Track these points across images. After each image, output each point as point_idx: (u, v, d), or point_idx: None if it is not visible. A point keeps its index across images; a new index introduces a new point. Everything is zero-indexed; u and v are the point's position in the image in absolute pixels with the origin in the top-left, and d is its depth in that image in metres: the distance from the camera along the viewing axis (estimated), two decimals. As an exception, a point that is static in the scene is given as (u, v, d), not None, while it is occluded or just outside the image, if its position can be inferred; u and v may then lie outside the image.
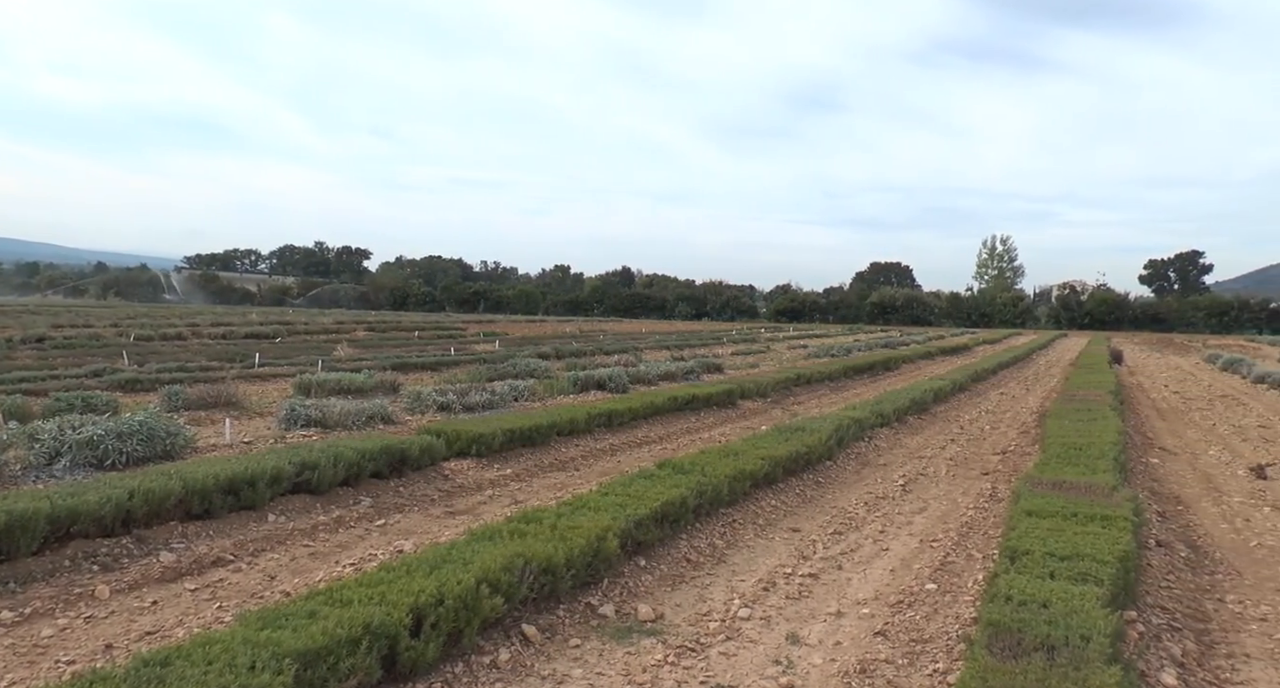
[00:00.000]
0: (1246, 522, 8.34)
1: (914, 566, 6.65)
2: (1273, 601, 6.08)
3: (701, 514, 7.43)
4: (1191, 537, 7.77)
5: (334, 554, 6.47)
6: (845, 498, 8.96)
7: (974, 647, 4.21)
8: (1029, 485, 7.46)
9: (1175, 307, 78.57)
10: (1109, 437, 10.13)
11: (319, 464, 7.73)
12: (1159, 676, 4.55)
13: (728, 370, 21.53)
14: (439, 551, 5.27)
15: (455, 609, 4.50)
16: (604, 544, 5.75)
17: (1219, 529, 8.07)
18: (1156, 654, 4.87)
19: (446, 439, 9.57)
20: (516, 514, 6.30)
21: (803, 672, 4.67)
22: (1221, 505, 9.07)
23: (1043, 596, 4.66)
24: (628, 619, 5.36)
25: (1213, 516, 8.62)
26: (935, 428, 14.23)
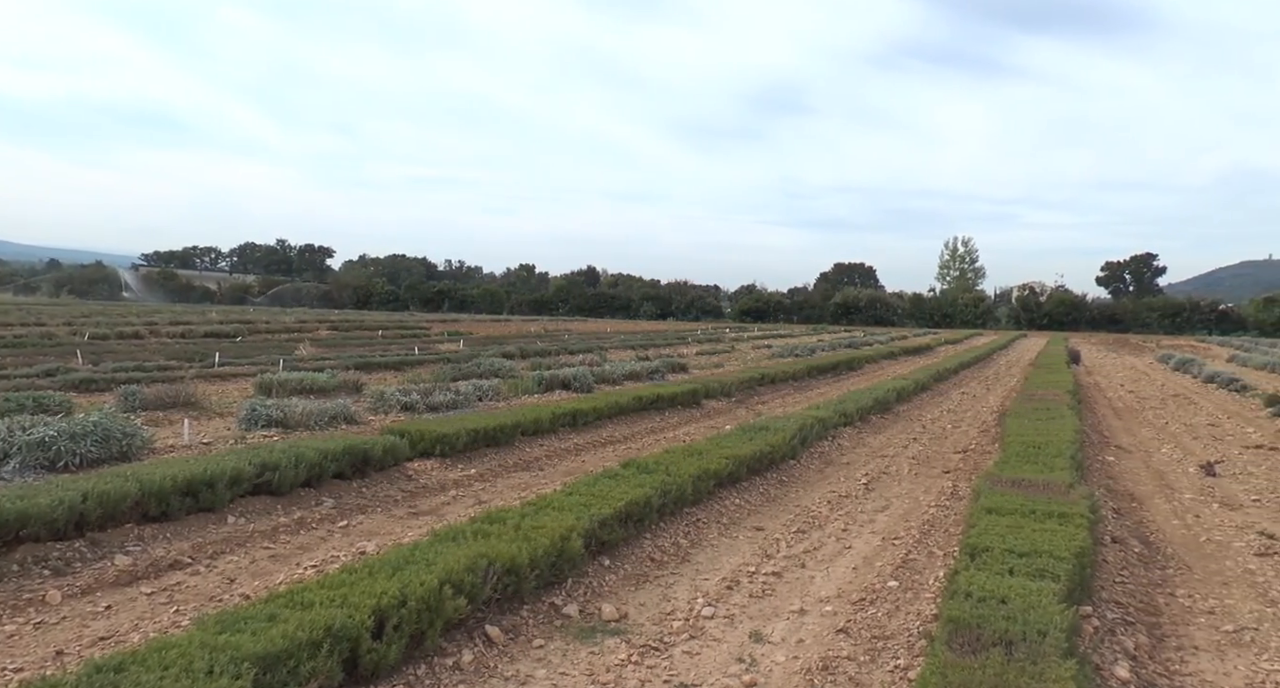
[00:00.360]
0: (1196, 518, 8.54)
1: (876, 563, 6.72)
2: (1219, 594, 6.23)
3: (666, 513, 7.45)
4: (1145, 533, 7.94)
5: (295, 556, 6.39)
6: (809, 497, 9.03)
7: (934, 643, 4.27)
8: (989, 483, 7.57)
9: (1131, 308, 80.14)
10: (1067, 435, 10.31)
11: (280, 465, 7.63)
12: (1113, 669, 4.64)
13: (692, 370, 21.59)
14: (402, 552, 5.23)
15: (418, 611, 4.47)
16: (568, 544, 5.74)
17: (1171, 525, 8.25)
18: (1110, 648, 4.97)
19: (410, 439, 9.50)
20: (480, 515, 6.27)
21: (765, 670, 4.70)
22: (1173, 502, 9.27)
23: (1002, 592, 4.72)
24: (591, 619, 5.36)
25: (1165, 512, 8.81)
26: (898, 427, 14.39)
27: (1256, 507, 9.07)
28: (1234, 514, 8.69)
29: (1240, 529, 8.06)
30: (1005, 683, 3.74)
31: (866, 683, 4.54)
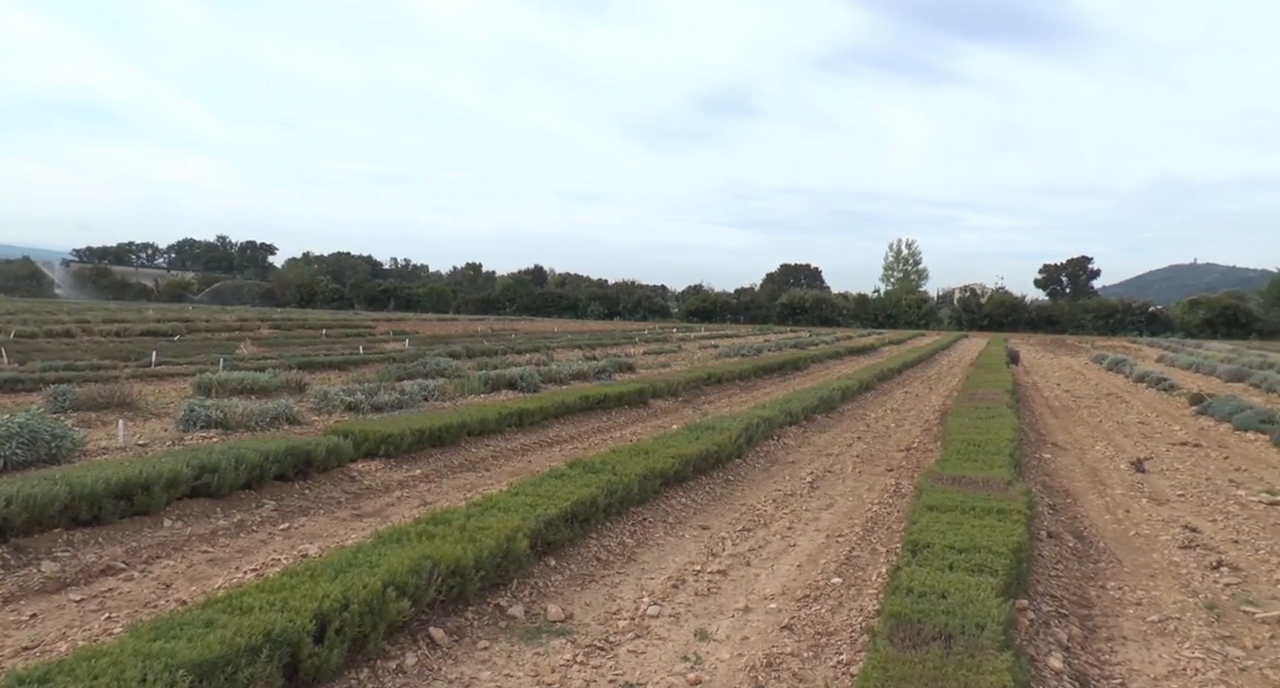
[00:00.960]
0: (1127, 513, 8.81)
1: (820, 561, 6.81)
2: (1147, 586, 6.44)
3: (612, 513, 7.45)
4: (1079, 528, 8.16)
5: (235, 560, 6.25)
6: (754, 495, 9.11)
7: (876, 638, 4.34)
8: (931, 481, 7.72)
9: (1067, 309, 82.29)
10: (1006, 434, 10.55)
11: (219, 467, 7.46)
12: (1047, 660, 4.77)
13: (639, 370, 21.62)
14: (345, 554, 5.15)
15: (361, 614, 4.41)
16: (514, 545, 5.72)
17: (1103, 520, 8.50)
18: (1045, 640, 5.10)
19: (354, 440, 9.36)
20: (425, 516, 6.21)
21: (710, 667, 4.73)
22: (1105, 498, 9.55)
23: (942, 587, 4.82)
24: (537, 620, 5.34)
25: (1098, 507, 9.07)
26: (843, 426, 14.59)
27: (1181, 501, 9.38)
28: (1161, 509, 8.99)
29: (1166, 523, 8.34)
30: (944, 676, 3.82)
31: (810, 679, 4.60)
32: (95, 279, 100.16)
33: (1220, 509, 9.00)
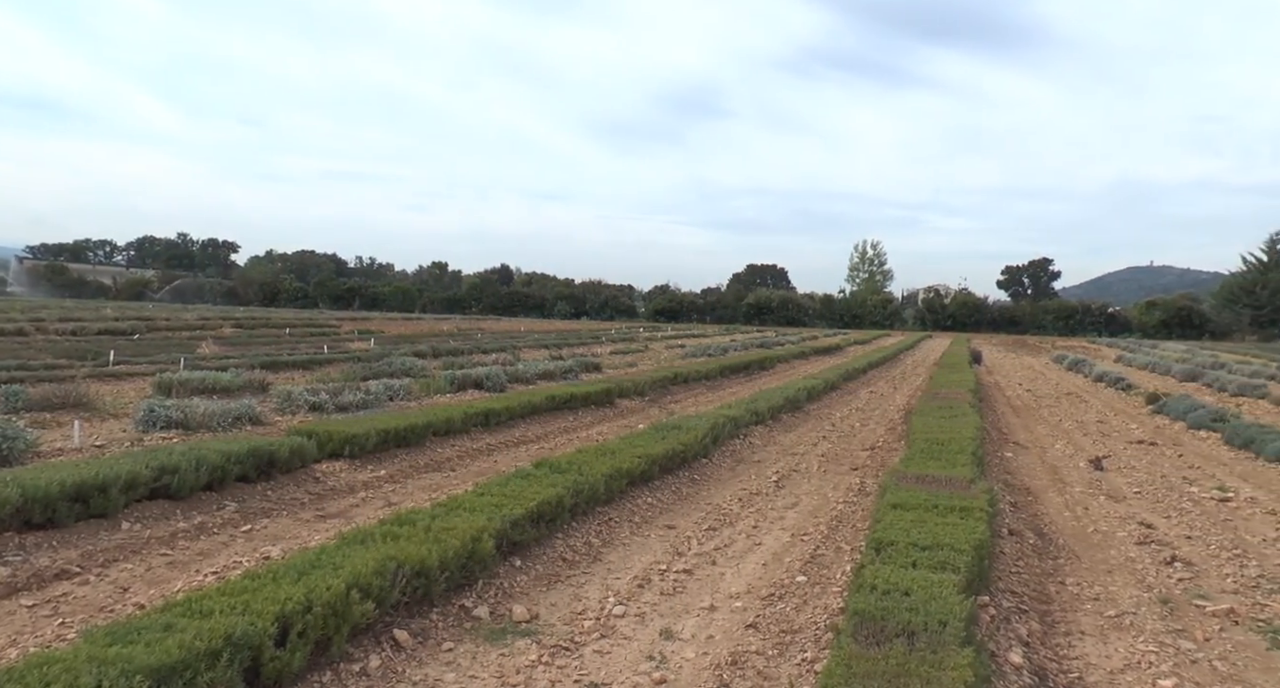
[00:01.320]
0: (1085, 510, 8.97)
1: (785, 559, 6.85)
2: (1104, 582, 6.56)
3: (578, 513, 7.44)
4: (1039, 525, 8.29)
5: (195, 563, 6.16)
6: (720, 495, 9.14)
7: (840, 635, 4.38)
8: (895, 480, 7.79)
9: (1029, 310, 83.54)
10: (968, 433, 10.68)
11: (180, 468, 7.34)
12: (1007, 655, 4.84)
13: (606, 369, 21.62)
14: (308, 556, 5.10)
15: (324, 616, 4.37)
16: (479, 545, 5.69)
17: (1062, 517, 8.65)
18: (1006, 635, 5.18)
19: (318, 440, 9.26)
20: (390, 516, 6.16)
21: (675, 666, 4.75)
22: (1065, 495, 9.71)
23: (905, 584, 4.87)
24: (502, 621, 5.32)
25: (1057, 505, 9.22)
26: (808, 425, 14.69)
27: (1138, 498, 9.57)
28: (1118, 506, 9.16)
29: (1123, 520, 8.50)
30: (907, 672, 3.86)
31: (774, 677, 4.63)
32: (51, 277, 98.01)
33: (1174, 506, 9.19)
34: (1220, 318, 72.86)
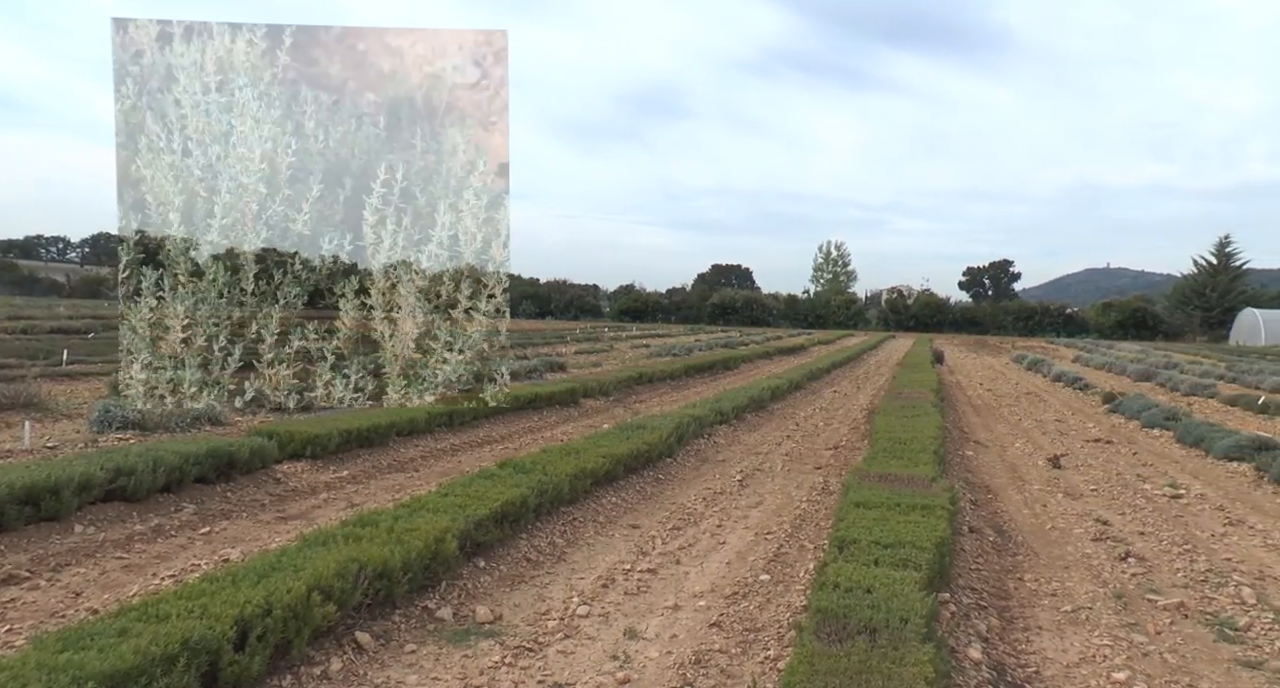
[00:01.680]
0: (1044, 507, 9.12)
1: (749, 558, 6.89)
2: (1061, 578, 6.68)
3: (542, 513, 7.42)
4: (999, 522, 8.42)
5: (151, 566, 6.05)
6: (685, 494, 9.17)
7: (803, 633, 4.41)
8: (858, 478, 7.87)
9: (989, 311, 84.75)
10: (930, 432, 10.81)
11: (136, 469, 7.20)
12: (967, 650, 4.91)
13: (571, 369, 21.58)
14: (268, 558, 5.03)
15: (284, 619, 4.31)
16: (442, 546, 5.66)
17: (1021, 515, 8.78)
18: (965, 631, 5.25)
19: (279, 441, 9.14)
20: (352, 518, 6.10)
21: (639, 666, 4.75)
22: (1024, 493, 9.86)
23: (868, 582, 4.92)
24: (465, 622, 5.30)
25: (1016, 502, 9.37)
26: (772, 425, 14.77)
27: (1094, 496, 9.75)
28: (1075, 503, 9.32)
29: (1080, 517, 8.66)
30: (869, 669, 3.90)
31: (737, 675, 4.66)
32: None
33: (1129, 503, 9.38)
34: (1173, 319, 74.52)
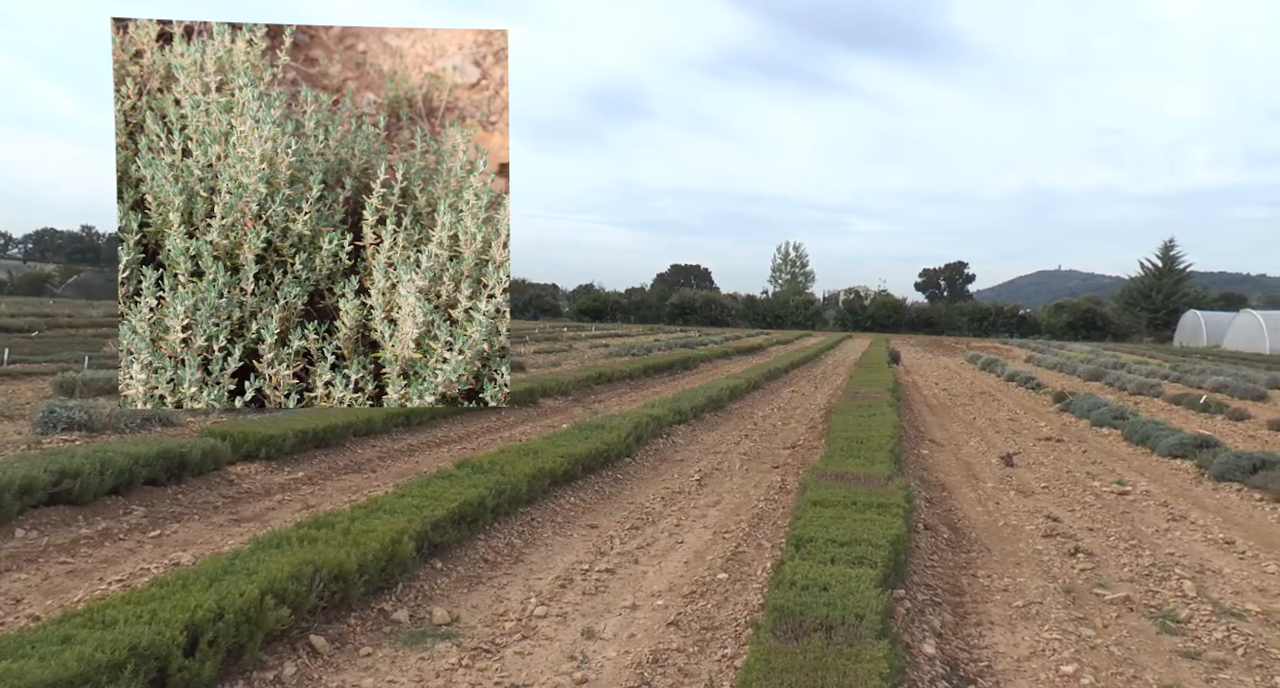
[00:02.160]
0: (996, 505, 9.28)
1: (707, 557, 6.92)
2: (1012, 573, 6.81)
3: (500, 514, 7.39)
4: (953, 519, 8.55)
5: (98, 571, 5.91)
6: (643, 494, 9.19)
7: (760, 631, 4.45)
8: (815, 477, 7.94)
9: (945, 312, 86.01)
10: (887, 431, 10.95)
11: (82, 471, 7.03)
12: (921, 646, 4.98)
13: (530, 369, 21.49)
14: (220, 561, 4.95)
15: (236, 623, 4.24)
16: (399, 548, 5.61)
17: (975, 512, 8.93)
18: (920, 627, 5.33)
19: (233, 441, 8.99)
20: (307, 519, 6.02)
21: (597, 666, 4.75)
22: (978, 491, 10.03)
23: (824, 579, 4.97)
24: (422, 624, 5.25)
25: (970, 500, 9.52)
26: (731, 424, 14.85)
27: (1045, 493, 9.95)
28: (1027, 500, 9.50)
29: (1031, 514, 8.83)
30: (824, 666, 3.94)
31: (695, 673, 4.68)
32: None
33: (1078, 500, 9.58)
34: (1121, 320, 76.35)
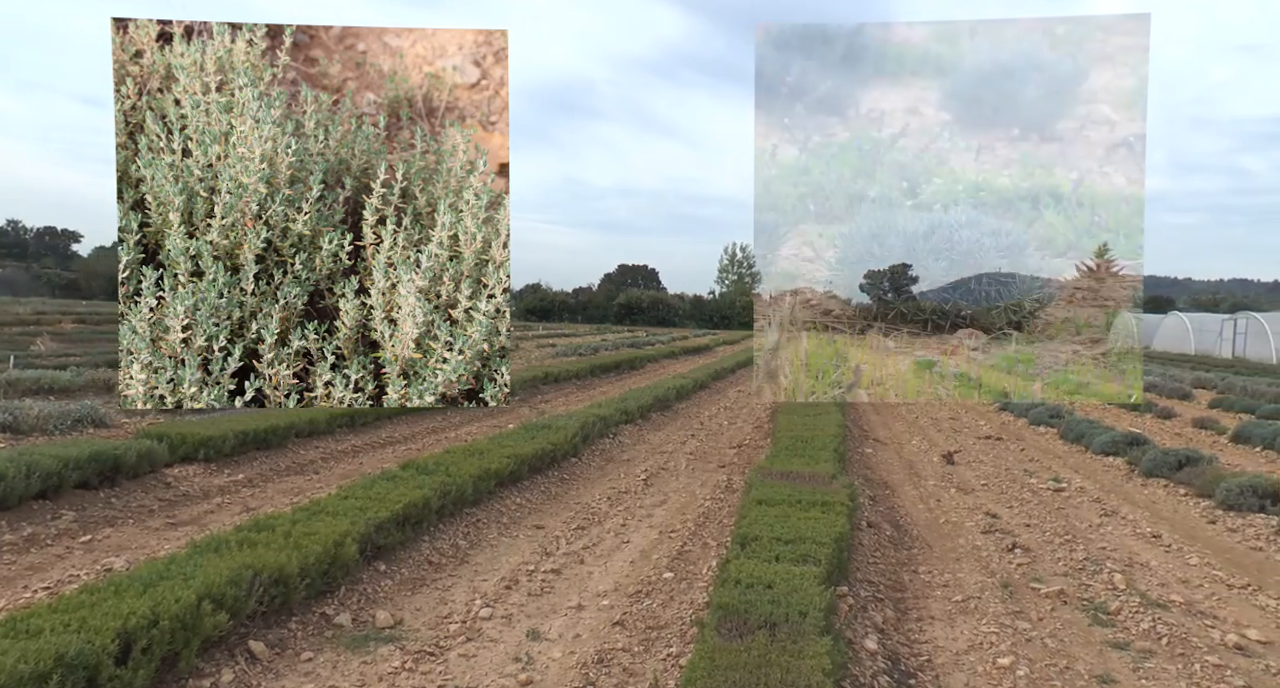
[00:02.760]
0: (938, 502, 9.47)
1: (653, 556, 6.95)
2: (953, 569, 6.96)
3: (445, 515, 7.33)
4: (895, 517, 8.70)
5: (22, 578, 5.72)
6: (589, 494, 9.18)
7: (705, 629, 4.47)
8: (760, 476, 8.01)
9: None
10: (831, 430, 11.09)
11: (6, 475, 6.79)
12: (863, 642, 5.06)
13: (480, 369, 21.32)
14: (156, 566, 4.82)
15: (172, 630, 4.14)
16: (342, 550, 5.53)
17: (917, 509, 9.10)
18: (862, 623, 5.41)
19: (170, 443, 8.77)
20: (248, 522, 5.90)
21: (542, 667, 4.74)
22: (920, 488, 10.22)
23: (768, 577, 5.02)
24: (365, 627, 5.19)
25: (912, 497, 9.70)
26: (677, 424, 14.92)
27: (985, 490, 10.18)
28: (967, 498, 9.71)
29: (971, 511, 9.02)
30: (768, 663, 3.98)
31: (640, 673, 4.69)
32: None
33: (1016, 496, 9.82)
34: (1058, 320, 78.44)
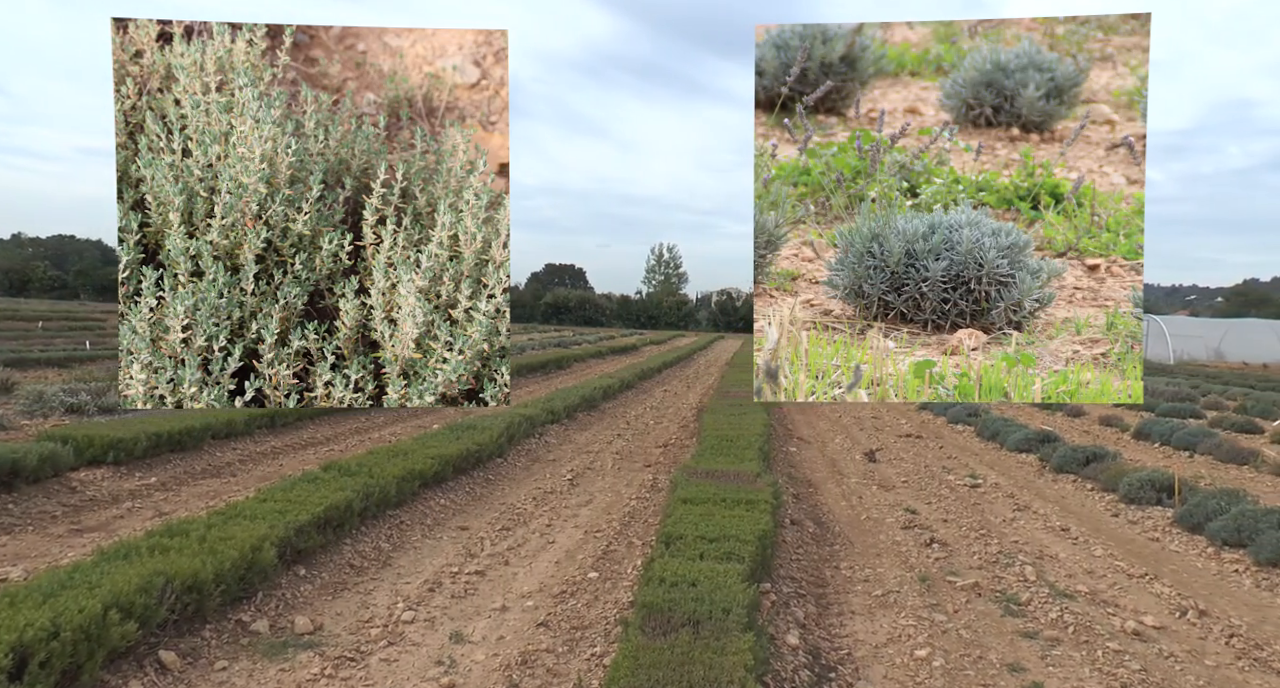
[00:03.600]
0: (860, 499, 9.68)
1: (578, 556, 6.94)
2: (873, 564, 7.12)
3: (368, 517, 7.20)
4: (818, 514, 8.86)
5: (-86, 588, 5.42)
6: (515, 494, 9.13)
7: (629, 628, 4.49)
8: (686, 475, 8.07)
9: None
10: (756, 429, 11.23)
11: (-105, 482, 6.44)
12: (785, 637, 5.15)
13: (405, 368, 21.00)
14: (58, 575, 4.62)
15: (74, 642, 3.97)
16: (260, 555, 5.39)
17: (839, 506, 9.29)
18: (785, 619, 5.50)
19: (76, 445, 8.41)
20: (159, 527, 5.70)
21: (465, 669, 4.70)
22: (842, 486, 10.43)
23: (693, 576, 5.06)
24: (283, 634, 5.06)
25: (835, 495, 9.89)
26: (604, 424, 14.93)
27: (905, 487, 10.44)
28: (888, 494, 9.95)
29: (891, 507, 9.25)
30: (691, 660, 4.02)
31: (564, 673, 4.69)
32: None
33: (935, 493, 10.10)
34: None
